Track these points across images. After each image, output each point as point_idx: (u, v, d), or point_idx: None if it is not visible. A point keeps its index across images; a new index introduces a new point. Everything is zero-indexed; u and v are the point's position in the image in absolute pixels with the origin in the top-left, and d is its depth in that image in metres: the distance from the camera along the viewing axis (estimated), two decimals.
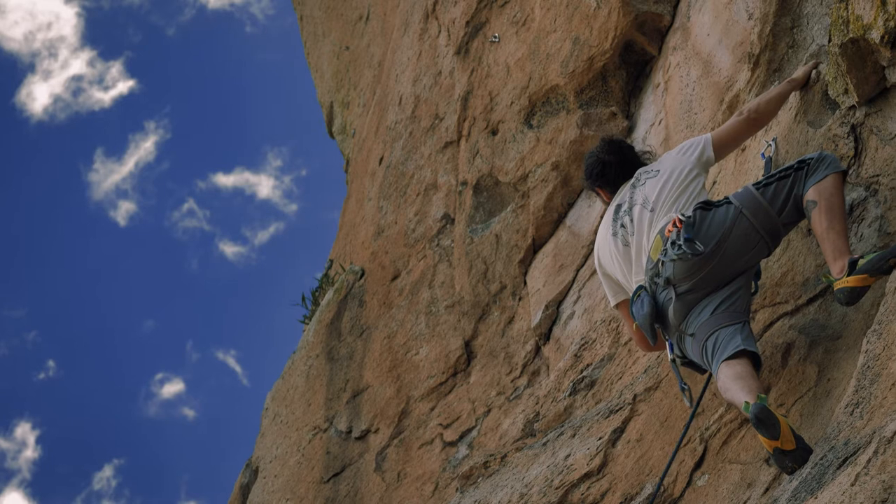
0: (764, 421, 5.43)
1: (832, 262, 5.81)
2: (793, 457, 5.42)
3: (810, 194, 6.02)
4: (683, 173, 6.79)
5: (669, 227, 6.34)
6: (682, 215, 6.34)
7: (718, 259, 6.26)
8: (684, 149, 6.98)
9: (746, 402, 5.60)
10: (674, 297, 6.37)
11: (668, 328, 6.52)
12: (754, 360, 6.02)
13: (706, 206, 6.38)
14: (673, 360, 6.64)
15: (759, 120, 6.97)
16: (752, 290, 6.49)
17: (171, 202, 61.89)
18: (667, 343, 6.67)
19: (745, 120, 6.95)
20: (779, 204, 6.20)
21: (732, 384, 5.85)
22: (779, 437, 5.41)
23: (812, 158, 6.14)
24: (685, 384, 6.61)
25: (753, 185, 6.33)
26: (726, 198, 6.37)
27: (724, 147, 6.98)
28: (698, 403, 6.56)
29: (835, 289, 5.71)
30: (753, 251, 6.32)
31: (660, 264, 6.41)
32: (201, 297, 58.01)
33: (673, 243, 6.27)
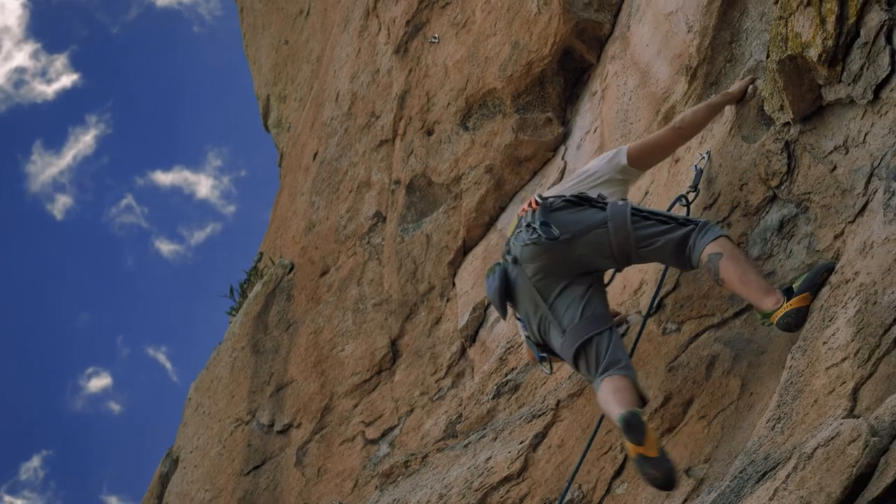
0: (633, 426, 5.68)
1: (762, 299, 5.79)
2: (654, 463, 5.66)
3: (711, 248, 6.04)
4: (589, 172, 6.94)
5: (525, 206, 6.47)
6: (540, 197, 6.43)
7: (564, 252, 6.38)
8: (602, 155, 7.11)
9: (620, 413, 5.82)
10: (524, 276, 6.49)
11: (518, 306, 6.60)
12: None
13: (582, 200, 6.46)
14: (527, 338, 6.77)
15: (684, 131, 7.01)
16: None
17: (109, 198, 61.51)
18: (518, 322, 6.78)
19: (669, 130, 7.01)
20: (645, 240, 6.29)
21: (610, 396, 6.10)
22: (643, 443, 5.66)
23: (699, 221, 6.25)
24: (543, 353, 6.72)
25: (634, 208, 6.40)
26: (606, 203, 6.45)
27: (646, 156, 7.03)
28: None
29: (777, 318, 5.67)
30: (600, 261, 6.48)
31: (511, 242, 6.56)
32: (135, 293, 57.75)
33: (528, 225, 6.37)
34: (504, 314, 6.73)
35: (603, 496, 6.42)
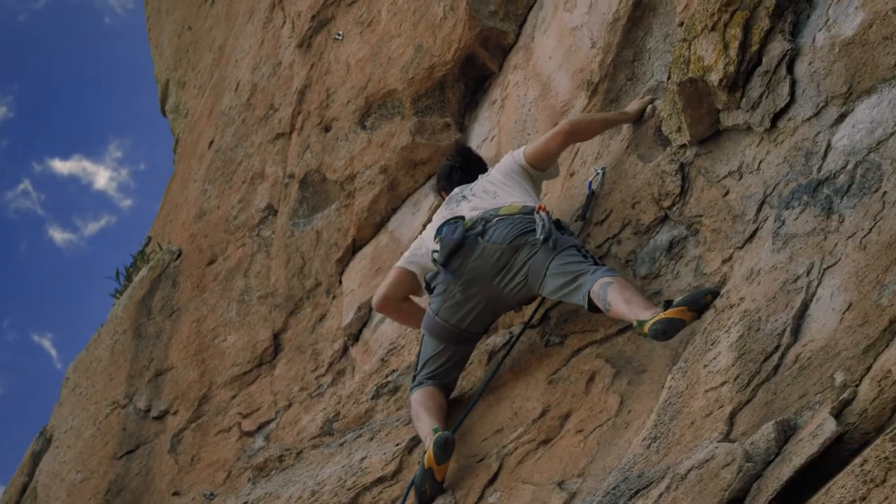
0: (447, 448, 6.24)
1: (645, 311, 5.76)
2: (433, 483, 6.25)
3: (604, 279, 6.08)
4: (502, 171, 7.19)
5: (542, 207, 6.66)
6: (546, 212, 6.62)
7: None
8: (501, 161, 7.32)
9: (436, 428, 6.38)
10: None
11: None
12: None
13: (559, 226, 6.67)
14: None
15: (572, 133, 7.06)
16: None
17: (6, 182, 60.61)
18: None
19: (559, 130, 7.06)
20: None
21: (422, 411, 6.75)
22: (444, 464, 6.26)
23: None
24: None
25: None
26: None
27: (540, 156, 7.15)
28: (464, 419, 6.70)
29: (649, 325, 5.62)
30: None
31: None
32: (25, 279, 56.94)
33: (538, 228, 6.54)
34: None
35: (475, 503, 6.34)
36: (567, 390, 6.27)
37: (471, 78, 9.07)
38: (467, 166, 7.68)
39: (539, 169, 7.18)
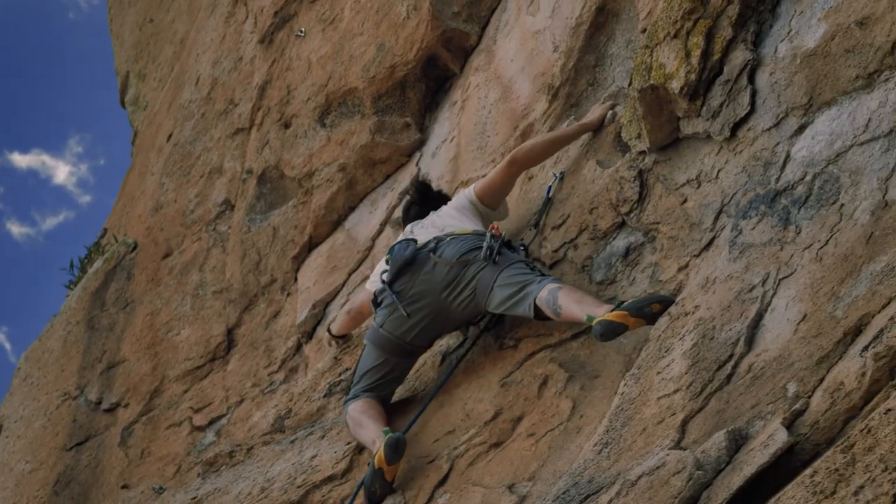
0: (398, 449, 6.23)
1: (598, 308, 5.76)
2: (383, 483, 6.23)
3: (552, 285, 6.12)
4: (455, 206, 7.28)
5: (495, 226, 6.74)
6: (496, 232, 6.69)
7: None
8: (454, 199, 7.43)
9: (386, 430, 6.46)
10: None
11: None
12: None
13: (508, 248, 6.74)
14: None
15: (517, 162, 7.16)
16: None
17: None
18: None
19: (504, 162, 7.16)
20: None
21: (365, 419, 6.80)
22: (394, 464, 6.23)
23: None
24: None
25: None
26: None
27: (488, 190, 7.23)
28: (419, 414, 6.71)
29: (596, 322, 5.62)
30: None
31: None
32: None
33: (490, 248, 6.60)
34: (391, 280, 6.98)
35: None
36: (520, 393, 6.25)
37: (432, 78, 9.04)
38: (423, 201, 7.76)
39: (488, 206, 7.25)
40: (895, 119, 4.72)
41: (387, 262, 7.01)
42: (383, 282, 6.90)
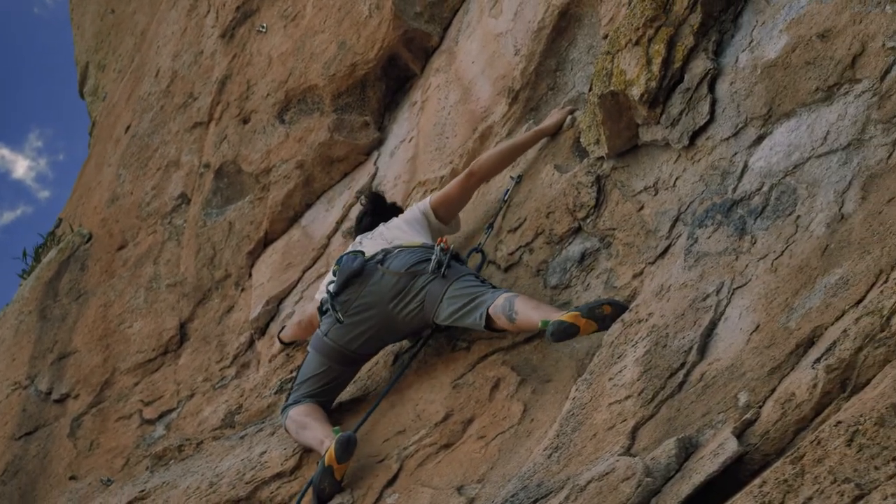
0: (349, 448, 6.17)
1: (554, 314, 5.74)
2: (332, 482, 6.19)
3: (508, 294, 6.11)
4: (405, 219, 7.26)
5: (443, 239, 6.72)
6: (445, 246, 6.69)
7: None
8: (408, 210, 7.41)
9: (337, 429, 6.41)
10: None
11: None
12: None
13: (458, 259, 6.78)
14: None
15: (474, 174, 7.17)
16: None
17: None
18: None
19: (465, 176, 7.19)
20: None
21: (310, 421, 6.78)
22: (344, 462, 6.17)
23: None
24: None
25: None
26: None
27: (443, 202, 7.25)
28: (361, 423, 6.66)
29: (549, 323, 5.60)
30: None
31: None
32: None
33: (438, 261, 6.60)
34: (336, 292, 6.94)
35: (373, 503, 6.27)
36: (471, 395, 6.22)
37: (392, 78, 9.02)
38: (375, 211, 7.75)
39: (442, 219, 7.26)
40: (853, 132, 4.72)
41: (334, 273, 6.98)
42: (328, 292, 6.85)
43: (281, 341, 8.19)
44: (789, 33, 5.19)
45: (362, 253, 6.93)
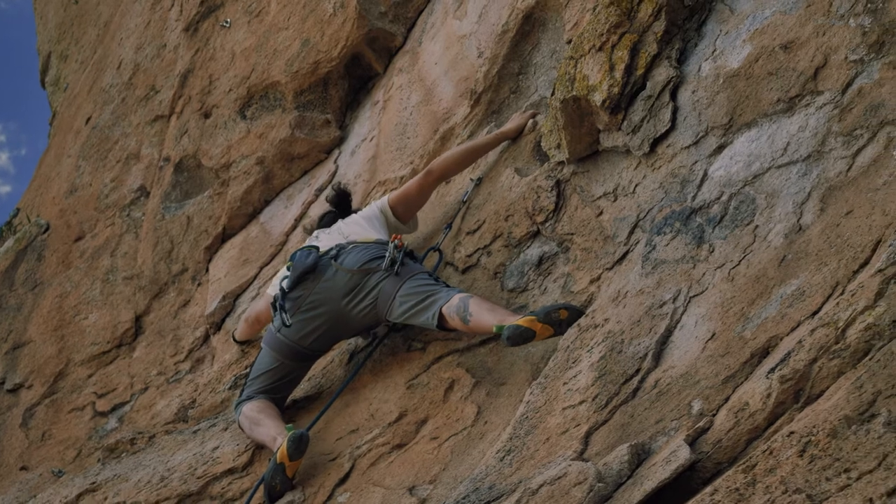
0: (301, 445, 6.15)
1: (509, 318, 5.73)
2: (283, 479, 6.18)
3: (463, 294, 6.10)
4: (364, 215, 7.25)
5: (397, 236, 6.68)
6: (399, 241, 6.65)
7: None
8: (368, 207, 7.40)
9: (290, 427, 6.43)
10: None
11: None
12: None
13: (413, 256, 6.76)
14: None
15: (433, 173, 7.16)
16: None
17: None
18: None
19: (423, 175, 7.17)
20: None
21: (263, 417, 6.75)
22: (296, 460, 6.17)
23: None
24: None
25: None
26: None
27: (401, 200, 7.24)
28: (312, 424, 6.65)
29: (504, 327, 5.59)
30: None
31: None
32: None
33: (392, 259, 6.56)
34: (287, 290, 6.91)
35: (324, 501, 6.24)
36: (425, 396, 6.20)
37: (355, 77, 9.01)
38: (339, 206, 7.74)
39: (400, 217, 7.25)
40: (814, 144, 4.72)
41: (288, 268, 6.93)
42: (281, 288, 6.81)
43: (236, 340, 8.13)
44: (753, 43, 5.20)
45: (317, 248, 6.88)
